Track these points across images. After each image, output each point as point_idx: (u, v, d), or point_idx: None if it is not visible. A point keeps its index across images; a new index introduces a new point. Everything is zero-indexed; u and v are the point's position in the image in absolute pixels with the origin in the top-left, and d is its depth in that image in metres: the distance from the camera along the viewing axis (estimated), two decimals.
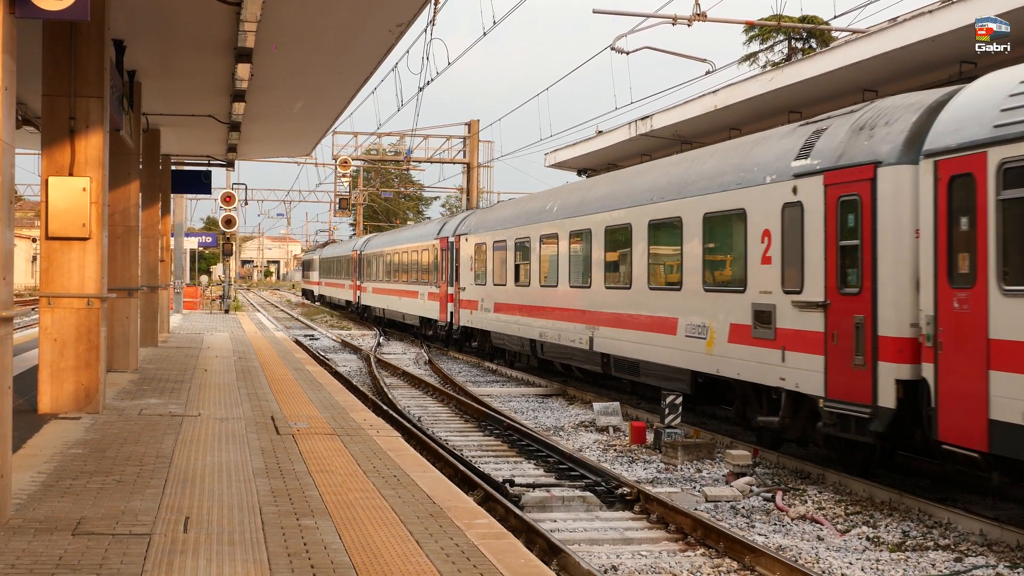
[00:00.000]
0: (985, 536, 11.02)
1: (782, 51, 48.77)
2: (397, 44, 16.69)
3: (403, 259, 42.99)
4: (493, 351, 29.89)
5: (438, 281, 35.54)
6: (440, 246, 35.67)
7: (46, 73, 13.08)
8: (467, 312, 31.29)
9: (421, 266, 38.93)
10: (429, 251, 37.66)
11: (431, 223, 43.23)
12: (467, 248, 31.70)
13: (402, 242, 44.38)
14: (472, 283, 30.70)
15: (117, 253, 18.57)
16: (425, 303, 37.95)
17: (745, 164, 15.91)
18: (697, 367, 16.79)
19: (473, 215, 33.60)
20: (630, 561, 10.11)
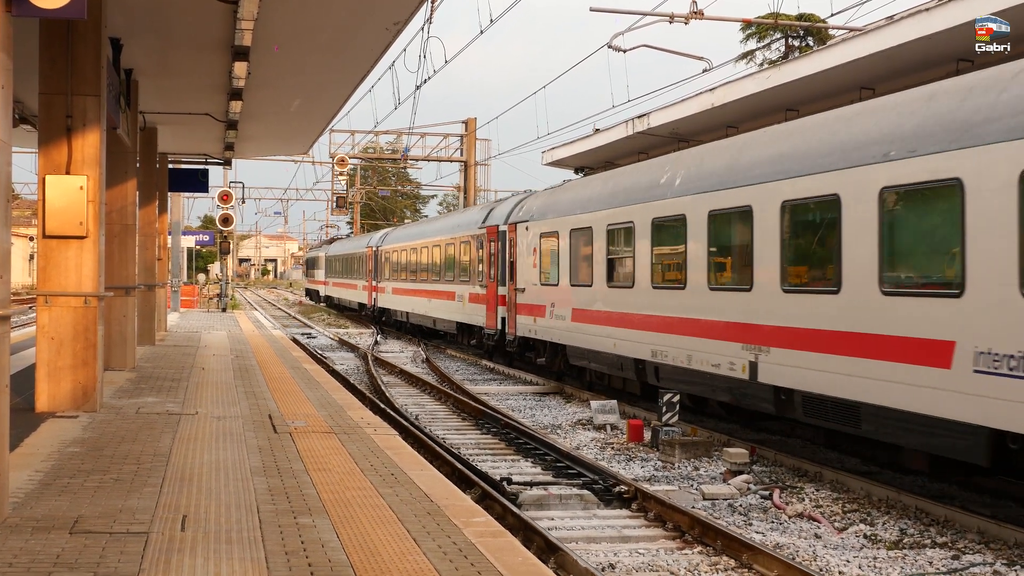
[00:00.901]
0: (982, 534, 11.03)
1: (779, 49, 48.77)
2: (394, 42, 16.70)
3: (434, 254, 36.99)
4: (567, 370, 23.99)
5: (483, 279, 29.92)
6: (486, 237, 29.82)
7: (43, 71, 13.07)
8: (527, 319, 25.42)
9: (459, 262, 33.17)
10: (471, 244, 31.71)
11: (472, 210, 35.85)
12: (527, 239, 25.65)
13: (433, 234, 38.19)
14: (536, 282, 24.80)
15: (114, 251, 18.56)
16: (465, 307, 32.26)
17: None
18: (1007, 424, 10.53)
19: (533, 198, 27.31)
20: (627, 559, 10.11)
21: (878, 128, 12.91)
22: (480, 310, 30.16)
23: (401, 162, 64.11)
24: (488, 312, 29.33)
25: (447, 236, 35.46)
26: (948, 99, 11.99)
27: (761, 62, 48.42)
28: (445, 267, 35.19)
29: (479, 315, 30.25)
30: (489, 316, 29.19)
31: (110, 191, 18.20)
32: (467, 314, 31.80)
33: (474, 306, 30.75)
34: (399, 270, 43.58)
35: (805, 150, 14.40)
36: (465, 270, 32.26)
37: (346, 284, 59.98)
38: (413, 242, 41.35)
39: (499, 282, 28.16)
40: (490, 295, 29.15)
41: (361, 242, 56.85)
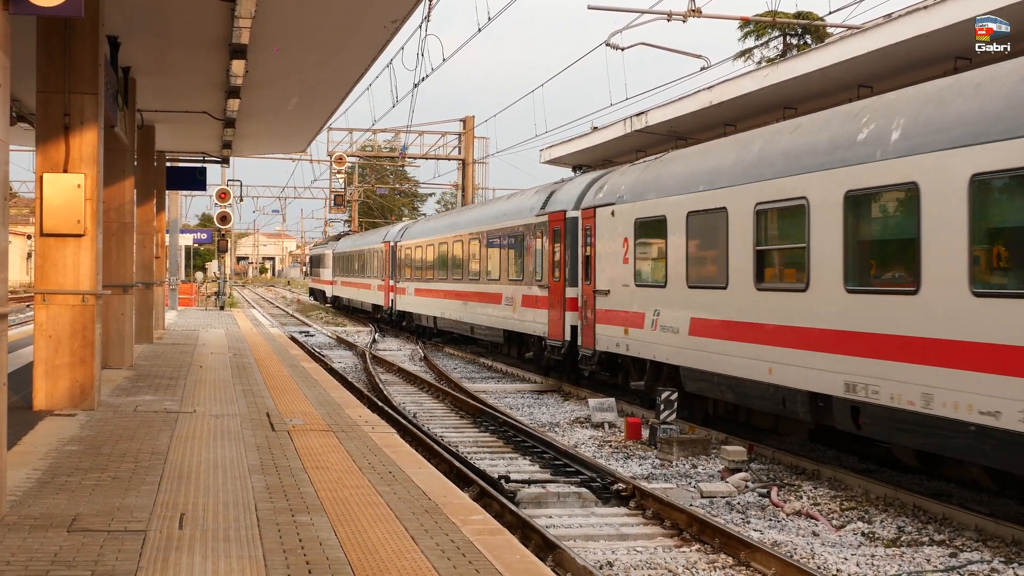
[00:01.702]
0: (980, 531, 11.04)
1: (777, 47, 48.78)
2: (392, 40, 16.69)
3: (472, 249, 31.94)
4: (686, 399, 17.46)
5: (543, 278, 24.68)
6: (547, 226, 24.56)
7: (40, 70, 13.06)
8: (613, 330, 20.04)
9: (508, 258, 28.08)
10: (525, 235, 26.33)
11: (524, 195, 29.42)
12: (614, 227, 20.17)
13: (470, 225, 32.72)
14: (628, 283, 19.42)
15: (112, 250, 18.55)
16: (517, 311, 26.76)
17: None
18: None
19: (619, 174, 21.53)
20: (625, 557, 10.12)
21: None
22: (539, 317, 24.79)
23: (399, 160, 64.10)
24: (552, 319, 23.84)
25: (490, 226, 29.81)
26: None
27: (759, 60, 48.43)
28: (488, 264, 29.89)
29: (538, 322, 24.82)
30: (554, 324, 23.74)
31: (108, 189, 18.19)
32: (520, 321, 26.33)
33: (530, 311, 25.48)
34: (424, 268, 38.32)
35: None
36: (517, 267, 26.88)
37: (357, 284, 54.63)
38: (443, 235, 36.05)
39: (568, 282, 22.93)
40: (554, 298, 23.76)
41: (375, 237, 51.53)
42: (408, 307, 41.01)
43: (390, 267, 44.67)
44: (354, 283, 55.59)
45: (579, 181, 24.11)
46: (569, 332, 22.67)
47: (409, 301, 40.65)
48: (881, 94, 14.18)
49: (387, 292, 45.17)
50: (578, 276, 22.36)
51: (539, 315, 24.81)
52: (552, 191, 25.31)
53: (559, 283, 23.46)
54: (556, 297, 23.64)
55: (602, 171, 24.53)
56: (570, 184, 24.78)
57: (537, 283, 24.97)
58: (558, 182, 26.58)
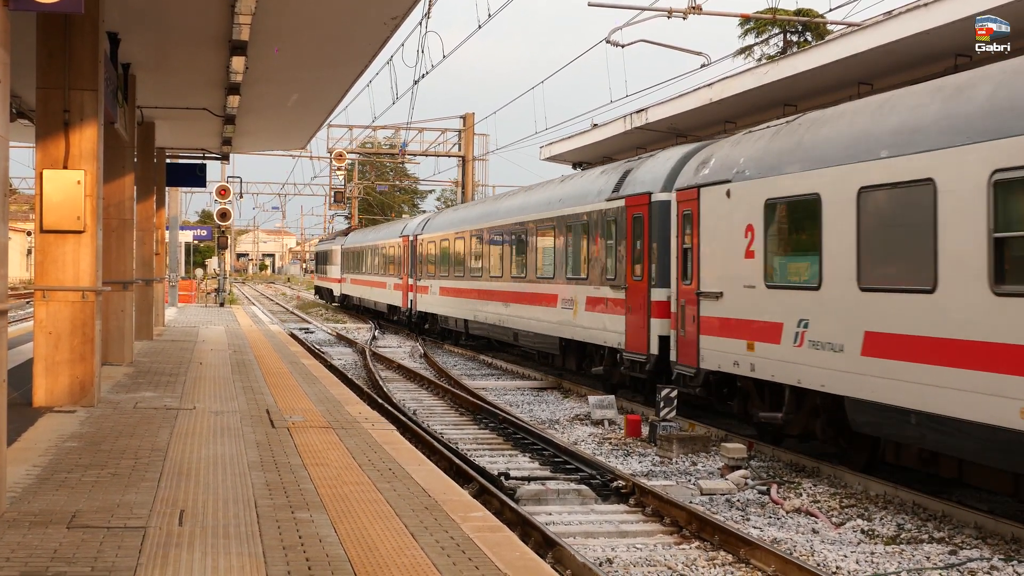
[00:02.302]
0: (980, 529, 11.04)
1: (777, 44, 48.78)
2: (392, 37, 16.69)
3: (516, 241, 27.31)
4: (838, 440, 14.23)
5: (618, 277, 20.19)
6: (623, 212, 20.08)
7: (40, 66, 13.05)
8: (729, 345, 15.84)
9: (566, 252, 23.37)
10: (591, 223, 21.79)
11: (585, 176, 24.43)
12: (727, 211, 16.06)
13: (513, 213, 27.87)
14: (753, 283, 15.26)
15: (112, 246, 18.53)
16: (578, 316, 22.16)
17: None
18: None
19: (731, 144, 17.00)
20: (625, 554, 10.12)
21: None
22: (612, 324, 20.45)
23: (399, 157, 64.06)
24: (632, 328, 19.50)
25: (541, 214, 25.34)
26: None
27: (759, 57, 48.42)
28: (539, 259, 25.48)
29: (610, 331, 20.53)
30: (634, 334, 19.41)
31: (108, 186, 18.18)
32: (584, 328, 22.02)
33: (598, 317, 21.20)
34: (452, 264, 34.13)
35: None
36: (579, 263, 22.60)
37: (370, 282, 49.97)
38: (475, 226, 31.55)
39: (655, 281, 18.77)
40: (634, 301, 19.46)
41: (391, 230, 47.05)
42: (432, 308, 36.79)
43: (409, 263, 40.53)
44: (366, 281, 51.26)
45: (665, 157, 19.75)
46: (656, 344, 18.39)
47: (433, 301, 36.56)
48: None
49: (405, 291, 41.03)
50: (670, 275, 18.02)
51: (611, 322, 20.33)
52: (627, 170, 20.77)
53: (641, 283, 19.06)
54: (637, 300, 19.19)
55: (698, 143, 20.17)
56: (652, 161, 20.12)
57: (608, 283, 20.50)
58: (633, 159, 22.12)
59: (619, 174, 21.15)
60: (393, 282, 43.82)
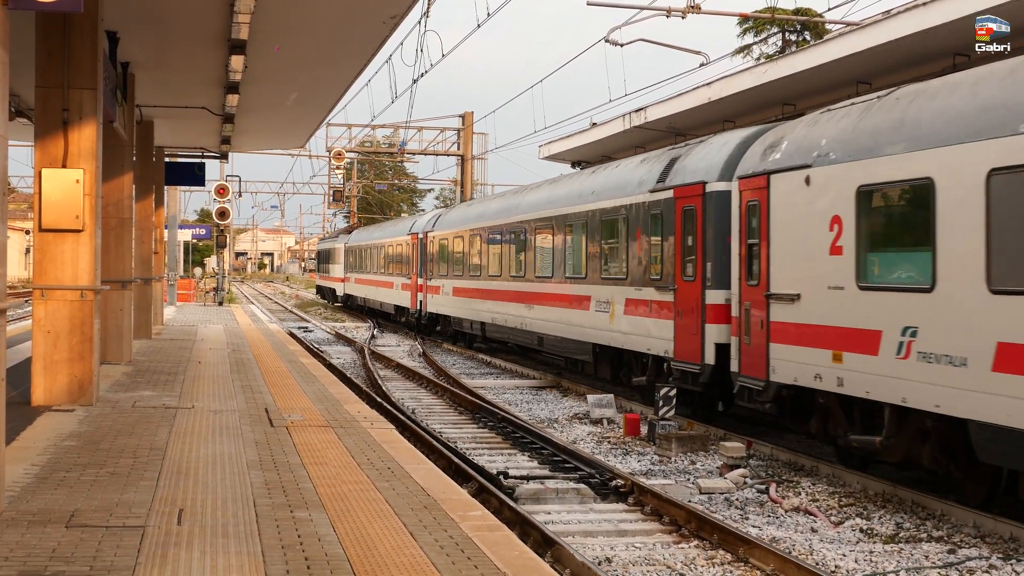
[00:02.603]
0: (978, 528, 11.05)
1: (776, 43, 48.80)
2: (391, 36, 16.69)
3: (541, 238, 24.93)
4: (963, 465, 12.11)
5: (663, 276, 18.16)
6: (671, 204, 17.97)
7: (39, 65, 13.05)
8: (810, 354, 13.74)
9: (599, 249, 21.27)
10: (631, 217, 19.59)
11: (623, 165, 21.98)
12: (807, 200, 13.95)
13: (537, 208, 25.53)
14: (841, 284, 13.10)
15: (111, 245, 18.52)
16: (615, 321, 20.10)
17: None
18: None
19: (807, 124, 14.83)
20: (624, 553, 10.12)
21: None
22: (657, 329, 18.28)
23: (398, 156, 64.05)
24: (682, 334, 17.37)
25: (571, 208, 23.03)
26: None
27: (758, 56, 48.44)
28: (569, 257, 23.00)
29: (655, 336, 18.34)
30: (684, 340, 17.27)
31: (106, 184, 18.16)
32: (623, 334, 19.87)
33: (640, 321, 18.99)
34: (467, 263, 31.91)
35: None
36: (616, 261, 20.50)
37: (376, 282, 47.63)
38: (494, 222, 29.14)
39: (711, 282, 16.73)
40: (685, 303, 17.27)
41: (398, 228, 45.13)
42: (444, 309, 34.64)
43: (418, 262, 38.38)
44: (371, 280, 48.96)
45: (719, 142, 17.55)
46: (712, 353, 16.38)
47: (445, 302, 34.33)
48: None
49: (414, 291, 38.89)
50: (730, 274, 15.96)
51: (656, 327, 18.23)
52: (673, 158, 18.63)
53: (694, 284, 16.99)
54: (688, 303, 17.08)
55: (758, 126, 17.77)
56: (703, 147, 17.96)
57: (653, 283, 18.38)
58: (677, 146, 19.85)
59: (663, 163, 18.88)
60: (401, 282, 41.54)
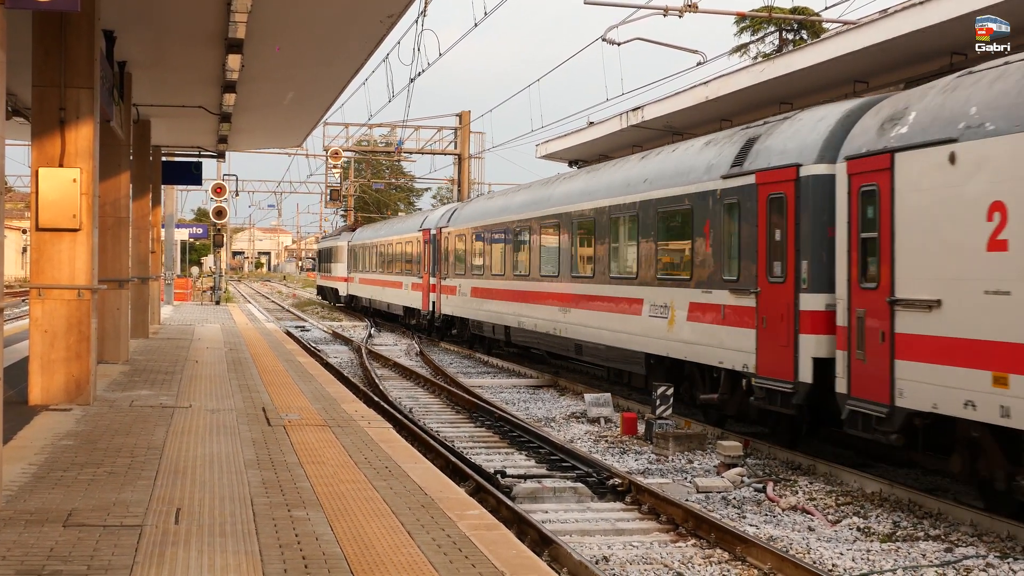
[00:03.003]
0: (975, 526, 11.06)
1: (773, 42, 48.81)
2: (388, 35, 16.68)
3: (579, 233, 22.44)
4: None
5: (741, 276, 15.61)
6: (751, 192, 15.44)
7: (36, 64, 13.04)
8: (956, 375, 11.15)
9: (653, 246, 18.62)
10: (697, 208, 17.03)
11: (684, 149, 18.91)
12: (949, 183, 11.48)
13: (575, 199, 22.84)
14: (1005, 287, 10.61)
15: (108, 244, 18.52)
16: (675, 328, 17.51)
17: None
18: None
19: (940, 91, 12.30)
20: (621, 552, 10.13)
21: None
22: (732, 338, 15.73)
23: (395, 155, 64.02)
24: (767, 344, 14.83)
25: (617, 199, 20.24)
26: None
27: (755, 55, 48.46)
28: (614, 255, 20.49)
29: (731, 347, 15.77)
30: (771, 352, 14.69)
31: (103, 184, 18.16)
32: (686, 343, 17.25)
33: (708, 329, 16.46)
34: (488, 261, 29.30)
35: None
36: (676, 260, 18.10)
37: (382, 282, 44.93)
38: (520, 215, 26.37)
39: (806, 284, 14.13)
40: (771, 310, 14.75)
41: (407, 224, 42.30)
42: (461, 311, 31.92)
43: (430, 260, 35.81)
44: (378, 280, 46.20)
45: (814, 117, 14.99)
46: (809, 369, 13.78)
47: (462, 304, 31.73)
48: None
49: (426, 291, 36.32)
50: (833, 274, 13.45)
51: (731, 336, 15.60)
52: (750, 138, 16.04)
53: (783, 285, 14.37)
54: (776, 308, 14.43)
55: (865, 98, 15.34)
56: (791, 124, 15.38)
57: (727, 285, 15.78)
58: (753, 124, 17.05)
59: (738, 145, 16.34)
60: (411, 281, 38.84)
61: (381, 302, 45.61)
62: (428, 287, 36.06)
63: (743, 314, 15.47)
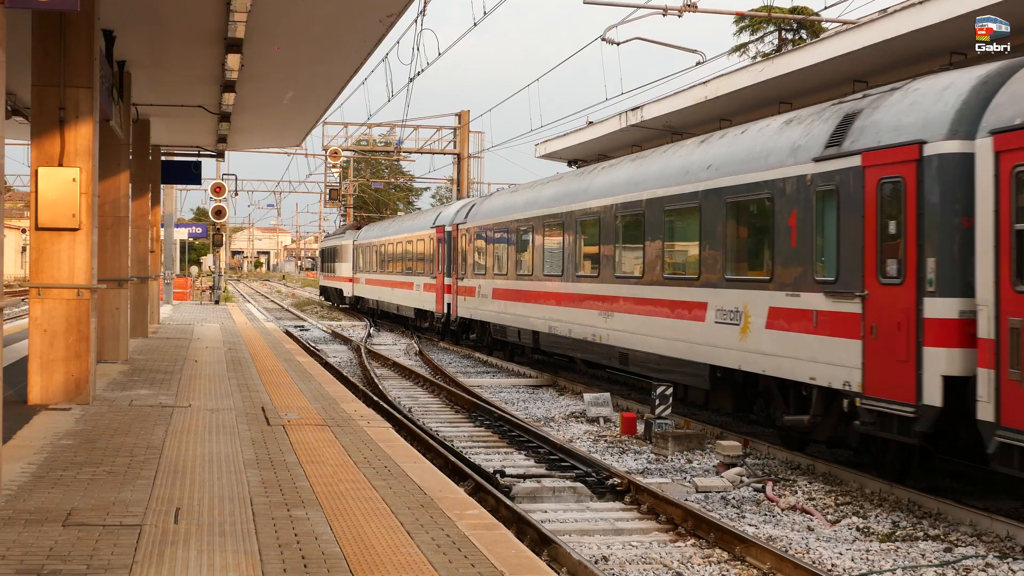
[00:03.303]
0: (975, 526, 11.06)
1: (772, 42, 48.78)
2: (387, 34, 16.68)
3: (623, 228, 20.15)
4: None
5: (840, 277, 13.24)
6: (854, 177, 13.06)
7: (36, 63, 13.03)
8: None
9: (717, 240, 16.41)
10: (778, 198, 14.74)
11: (757, 130, 16.46)
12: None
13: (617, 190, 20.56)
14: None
15: (107, 244, 18.52)
16: (750, 338, 15.21)
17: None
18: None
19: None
20: (621, 552, 10.13)
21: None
22: (827, 350, 13.40)
23: (394, 154, 64.02)
24: (877, 357, 12.47)
25: (674, 189, 17.97)
26: None
27: (754, 55, 48.45)
28: (673, 252, 18.39)
29: (826, 360, 13.43)
30: (882, 368, 12.37)
31: (103, 183, 18.15)
32: (765, 353, 14.90)
33: (795, 339, 14.17)
34: (512, 259, 26.79)
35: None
36: (757, 255, 15.80)
37: (391, 282, 42.79)
38: (549, 210, 24.09)
39: (934, 286, 11.79)
40: (885, 315, 12.38)
41: (419, 221, 39.89)
42: (481, 314, 29.43)
43: (445, 259, 33.52)
44: (386, 281, 43.91)
45: (939, 85, 12.55)
46: (938, 390, 11.45)
47: (483, 306, 29.23)
48: None
49: (440, 293, 34.02)
50: (972, 274, 11.24)
51: (826, 348, 13.31)
52: (850, 113, 13.72)
53: (900, 287, 12.05)
54: (891, 315, 12.11)
55: (1010, 60, 12.69)
56: (903, 95, 13.03)
57: (822, 286, 13.45)
58: (849, 98, 14.63)
59: (833, 121, 14.02)
60: (423, 282, 36.34)
61: (390, 304, 43.39)
62: (442, 288, 33.71)
63: (843, 321, 13.08)
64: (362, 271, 50.53)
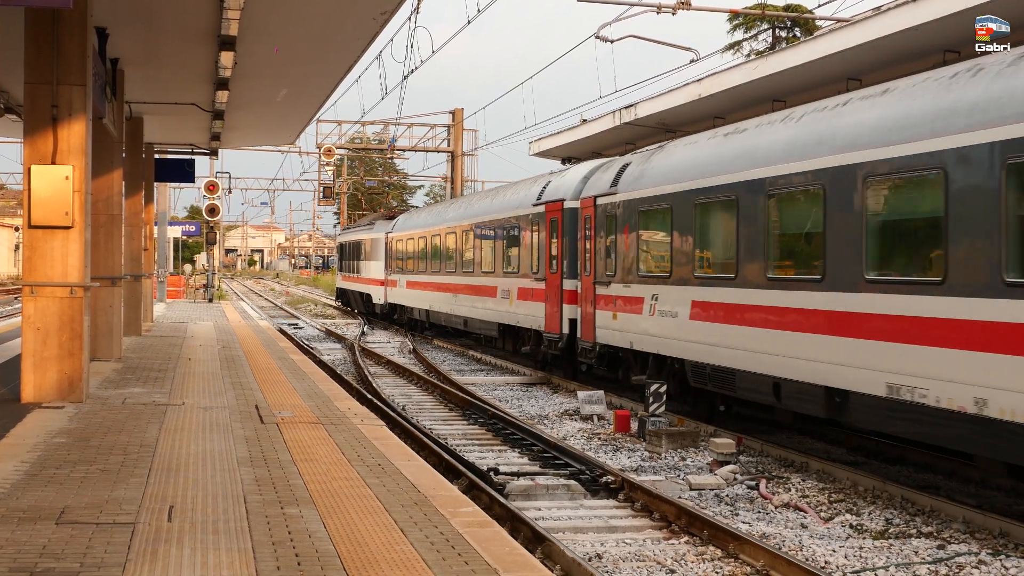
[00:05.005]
0: (968, 523, 11.08)
1: (766, 40, 48.79)
2: (381, 32, 16.67)
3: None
4: None
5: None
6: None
7: (28, 61, 13.00)
8: None
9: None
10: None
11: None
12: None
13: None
14: None
15: (100, 242, 18.50)
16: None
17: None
18: None
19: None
20: (614, 549, 10.13)
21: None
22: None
23: (388, 152, 63.97)
24: None
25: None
26: None
27: (748, 53, 48.47)
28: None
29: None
30: None
31: (96, 181, 18.12)
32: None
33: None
34: (748, 250, 15.23)
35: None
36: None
37: (454, 286, 31.81)
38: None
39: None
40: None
41: (508, 199, 27.47)
42: (660, 344, 17.77)
43: (561, 253, 22.37)
44: (444, 284, 33.16)
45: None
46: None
47: (663, 329, 17.64)
48: None
49: (555, 303, 22.63)
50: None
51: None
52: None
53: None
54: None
55: None
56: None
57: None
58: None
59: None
60: (516, 286, 25.53)
61: (453, 316, 32.13)
62: (559, 296, 22.38)
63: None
64: (400, 272, 40.08)
